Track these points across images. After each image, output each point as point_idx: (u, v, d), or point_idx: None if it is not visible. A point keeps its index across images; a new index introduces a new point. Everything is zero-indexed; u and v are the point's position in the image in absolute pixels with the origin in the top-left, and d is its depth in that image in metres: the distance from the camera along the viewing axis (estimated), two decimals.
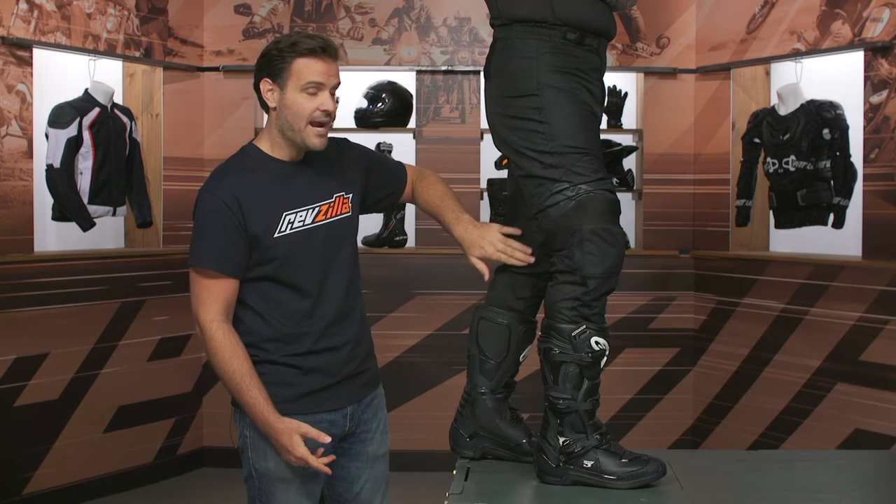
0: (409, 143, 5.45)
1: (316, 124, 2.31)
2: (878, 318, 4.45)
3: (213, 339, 2.30)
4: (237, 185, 2.32)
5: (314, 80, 2.29)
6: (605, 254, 2.09)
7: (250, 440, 2.40)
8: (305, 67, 2.28)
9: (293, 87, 2.29)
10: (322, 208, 2.38)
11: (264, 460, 2.38)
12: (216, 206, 2.30)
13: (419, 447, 5.00)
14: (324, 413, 2.39)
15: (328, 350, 2.38)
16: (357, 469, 2.50)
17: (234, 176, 2.35)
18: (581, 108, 2.16)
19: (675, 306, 5.41)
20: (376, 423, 2.52)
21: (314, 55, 2.29)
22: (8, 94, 4.43)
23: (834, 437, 4.63)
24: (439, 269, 5.28)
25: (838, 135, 4.65)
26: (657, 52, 5.39)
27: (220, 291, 2.31)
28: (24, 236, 4.51)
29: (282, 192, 2.34)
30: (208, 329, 2.31)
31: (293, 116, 2.31)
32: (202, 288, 2.32)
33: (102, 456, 4.86)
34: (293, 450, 2.26)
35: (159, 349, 5.13)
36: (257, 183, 2.33)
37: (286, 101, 2.30)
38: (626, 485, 2.09)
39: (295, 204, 2.34)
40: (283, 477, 2.37)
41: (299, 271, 2.34)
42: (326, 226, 2.38)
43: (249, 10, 5.40)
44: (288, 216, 2.33)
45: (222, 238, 2.29)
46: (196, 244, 2.33)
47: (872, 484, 2.30)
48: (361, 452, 2.50)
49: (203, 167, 5.36)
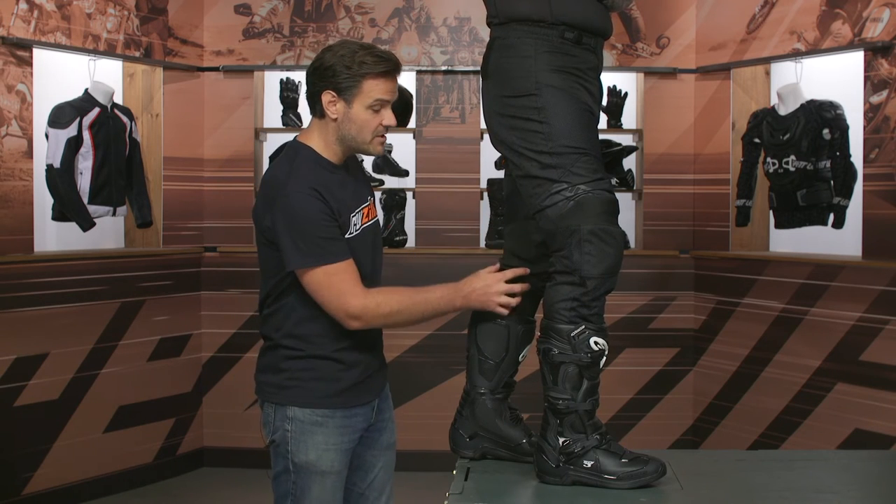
0: (409, 143, 5.45)
1: (379, 136, 2.39)
2: (878, 318, 4.45)
3: (374, 311, 2.30)
4: (318, 184, 2.33)
5: (381, 98, 2.35)
6: (604, 254, 2.09)
7: (292, 434, 2.40)
8: (375, 87, 2.34)
9: (360, 103, 2.34)
10: (365, 211, 2.46)
11: (305, 453, 2.40)
12: (312, 203, 2.29)
13: (419, 447, 5.00)
14: (358, 407, 2.45)
15: (366, 345, 2.45)
16: (373, 457, 2.55)
17: (311, 175, 2.34)
18: (580, 107, 2.16)
19: (675, 306, 5.41)
20: (388, 414, 2.59)
21: (384, 76, 2.34)
22: (8, 94, 4.43)
23: (834, 437, 4.63)
24: (439, 269, 5.27)
25: (838, 135, 4.65)
26: (657, 52, 5.39)
27: (353, 274, 2.31)
28: (24, 236, 4.51)
29: (342, 194, 2.40)
30: (365, 310, 2.30)
31: (358, 130, 2.36)
32: (341, 281, 2.30)
33: (102, 456, 4.86)
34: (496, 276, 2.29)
35: (159, 349, 5.14)
36: (328, 183, 2.36)
37: (351, 115, 2.35)
38: (626, 485, 2.09)
39: (354, 206, 2.42)
40: (323, 469, 2.40)
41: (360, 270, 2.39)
42: (371, 227, 2.48)
43: (249, 10, 5.40)
44: (353, 218, 2.41)
45: (334, 229, 2.31)
46: (309, 245, 2.29)
47: (872, 484, 2.31)
48: (377, 440, 2.55)
49: (203, 167, 5.37)
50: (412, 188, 5.39)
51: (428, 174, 5.39)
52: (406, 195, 5.38)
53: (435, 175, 5.35)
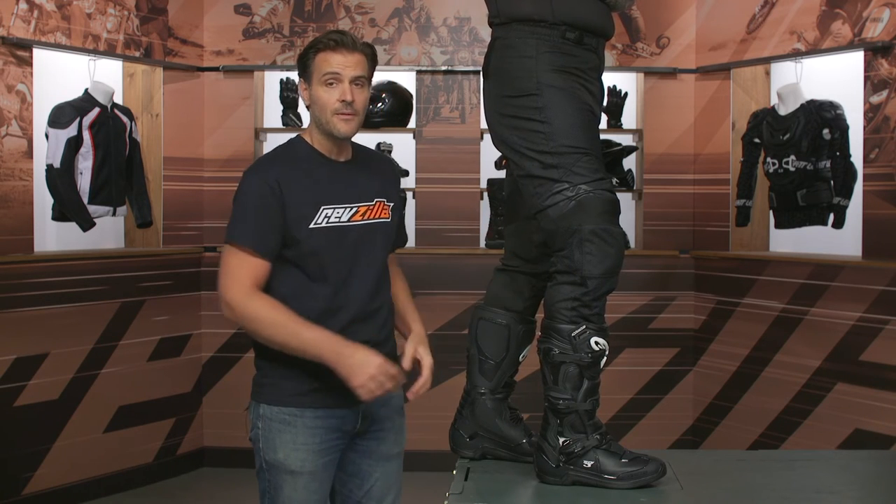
0: (409, 143, 5.45)
1: (339, 113, 2.38)
2: (878, 318, 4.45)
3: (247, 307, 2.30)
4: (281, 171, 2.38)
5: (330, 71, 2.36)
6: (605, 254, 2.09)
7: (262, 431, 2.42)
8: (323, 61, 2.37)
9: (316, 81, 2.38)
10: (361, 209, 2.44)
11: (274, 452, 2.40)
12: (260, 188, 2.35)
13: (419, 447, 4.99)
14: (335, 409, 2.41)
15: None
16: (368, 466, 2.51)
17: (280, 163, 2.42)
18: (581, 107, 2.16)
19: (675, 306, 5.41)
20: (390, 424, 2.53)
21: (330, 48, 2.37)
22: (8, 94, 4.43)
23: (834, 437, 4.63)
24: (439, 269, 5.27)
25: (838, 135, 4.65)
26: (657, 52, 5.40)
27: (250, 270, 2.32)
28: (24, 236, 4.51)
29: (323, 186, 2.40)
30: (239, 303, 2.30)
31: (320, 109, 2.39)
32: (233, 265, 2.33)
33: (102, 456, 4.86)
34: (373, 361, 2.28)
35: (159, 349, 5.13)
36: (301, 172, 2.39)
37: (313, 96, 2.40)
38: (626, 485, 2.09)
39: (334, 200, 2.40)
40: (292, 469, 2.39)
41: (327, 266, 2.37)
42: (362, 227, 2.44)
43: (249, 10, 5.40)
44: (326, 210, 2.38)
45: (262, 219, 2.34)
46: (234, 222, 2.37)
47: (872, 484, 2.31)
48: (374, 450, 2.51)
49: (203, 167, 5.37)
50: (412, 188, 5.39)
51: (428, 174, 5.39)
52: (406, 195, 5.37)
53: (435, 175, 5.35)
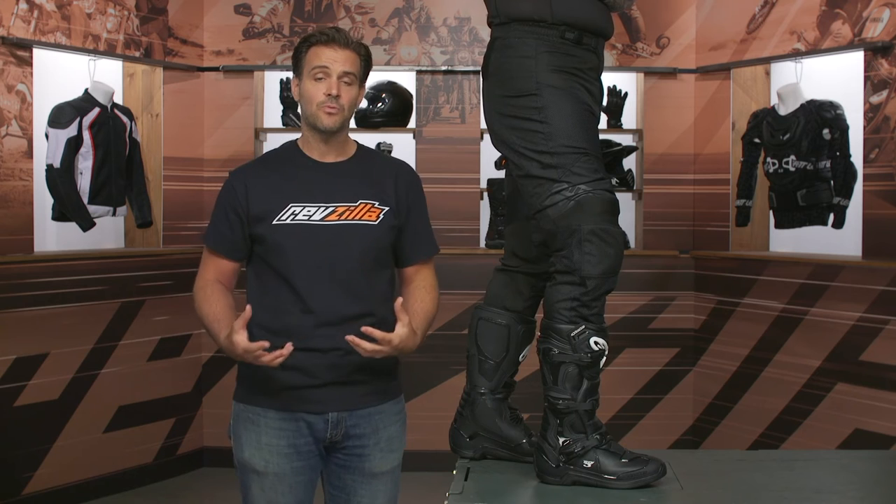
0: (409, 143, 5.45)
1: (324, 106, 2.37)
2: (878, 318, 4.45)
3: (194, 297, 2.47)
4: (255, 171, 2.45)
5: (319, 65, 2.37)
6: (604, 254, 2.09)
7: (232, 429, 2.47)
8: (314, 55, 2.39)
9: (306, 75, 2.40)
10: (339, 209, 2.38)
11: (241, 450, 2.44)
12: (226, 191, 2.44)
13: (419, 447, 4.99)
14: (301, 413, 2.39)
15: (313, 351, 2.35)
16: (353, 482, 2.46)
17: (258, 164, 2.49)
18: (580, 107, 2.16)
19: (675, 306, 5.41)
20: (374, 440, 2.46)
21: (322, 43, 2.39)
22: (8, 94, 4.43)
23: (834, 437, 4.63)
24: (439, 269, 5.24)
25: (838, 135, 4.65)
26: (657, 52, 5.40)
27: (214, 267, 2.48)
28: (24, 236, 4.51)
29: (296, 184, 2.39)
30: (196, 292, 2.47)
31: (306, 102, 2.40)
32: (202, 261, 2.51)
33: (102, 456, 4.86)
34: (235, 351, 2.30)
35: (159, 349, 5.13)
36: (275, 172, 2.42)
37: (302, 89, 2.41)
38: (626, 485, 2.09)
39: (306, 198, 2.38)
40: (256, 468, 2.41)
41: (294, 264, 2.35)
42: (337, 227, 2.37)
43: (249, 10, 5.40)
44: (294, 207, 2.37)
45: (223, 219, 2.43)
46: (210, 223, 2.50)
47: (872, 484, 2.30)
48: (357, 466, 2.45)
49: (203, 167, 5.36)
50: None
51: (428, 174, 5.37)
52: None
53: (435, 175, 5.35)
